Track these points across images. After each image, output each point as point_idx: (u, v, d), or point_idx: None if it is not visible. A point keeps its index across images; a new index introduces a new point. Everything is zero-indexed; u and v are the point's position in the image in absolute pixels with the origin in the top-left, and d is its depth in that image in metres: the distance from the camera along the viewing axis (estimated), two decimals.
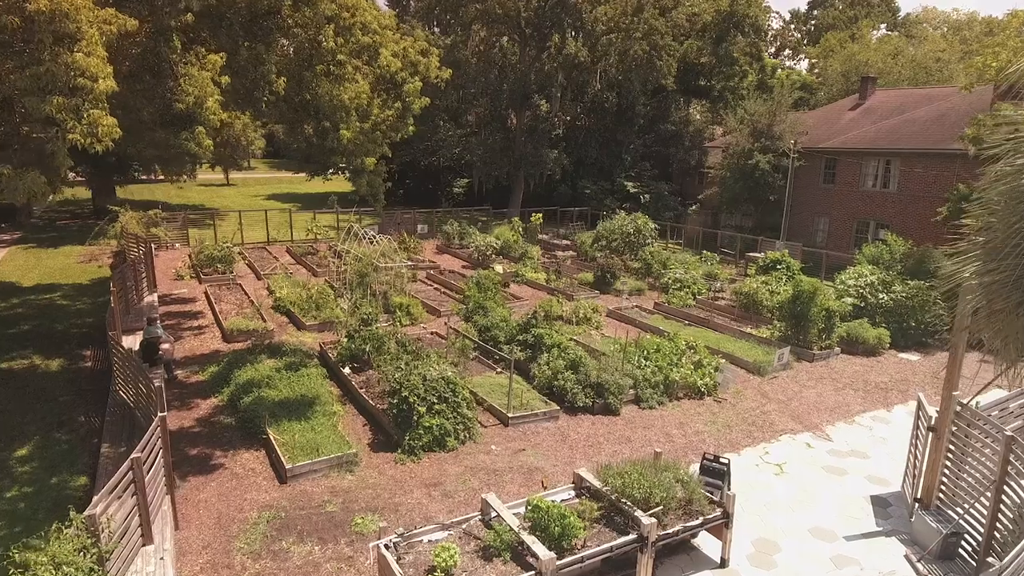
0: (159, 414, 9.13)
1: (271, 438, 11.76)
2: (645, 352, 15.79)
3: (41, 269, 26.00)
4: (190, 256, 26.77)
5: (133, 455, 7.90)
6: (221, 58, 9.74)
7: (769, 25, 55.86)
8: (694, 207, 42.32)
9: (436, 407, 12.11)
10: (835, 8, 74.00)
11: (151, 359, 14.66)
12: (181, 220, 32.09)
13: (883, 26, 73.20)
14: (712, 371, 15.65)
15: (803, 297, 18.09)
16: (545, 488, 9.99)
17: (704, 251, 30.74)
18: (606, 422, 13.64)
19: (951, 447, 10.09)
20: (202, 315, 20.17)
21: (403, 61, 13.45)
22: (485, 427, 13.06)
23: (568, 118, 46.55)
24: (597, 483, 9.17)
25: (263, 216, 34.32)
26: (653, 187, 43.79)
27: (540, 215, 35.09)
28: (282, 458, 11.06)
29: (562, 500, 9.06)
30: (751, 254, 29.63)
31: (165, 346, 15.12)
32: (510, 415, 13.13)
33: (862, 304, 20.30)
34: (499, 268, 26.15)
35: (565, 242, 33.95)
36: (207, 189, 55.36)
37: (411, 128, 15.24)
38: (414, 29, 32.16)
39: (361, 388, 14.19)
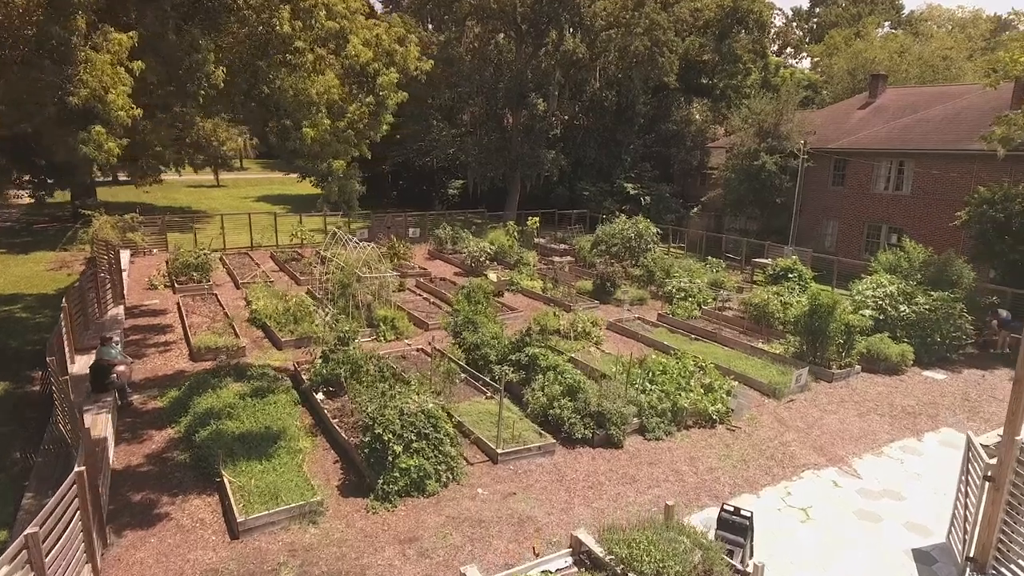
0: (76, 468, 7.66)
1: (225, 481, 10.30)
2: (650, 374, 14.32)
3: (6, 277, 24.47)
4: (166, 263, 25.23)
5: (28, 530, 6.42)
6: (130, 38, 8.06)
7: (772, 22, 54.47)
8: (696, 209, 40.81)
9: (414, 445, 10.64)
10: (838, 6, 72.66)
11: (102, 384, 13.21)
12: (160, 224, 30.55)
13: (887, 24, 71.90)
14: (724, 395, 14.18)
15: (821, 311, 16.61)
16: (537, 555, 8.47)
17: (708, 256, 29.30)
18: (608, 457, 12.18)
19: (1012, 500, 8.64)
20: (171, 329, 18.67)
21: (376, 50, 11.89)
22: (471, 464, 11.59)
23: (566, 117, 45.01)
24: (599, 550, 7.72)
25: (248, 219, 32.81)
26: (654, 189, 42.30)
27: (537, 218, 33.60)
28: (235, 508, 9.59)
29: (557, 570, 7.62)
30: (757, 260, 28.12)
31: (120, 368, 13.64)
32: (500, 451, 11.65)
33: (881, 317, 18.83)
34: (492, 276, 24.67)
35: (563, 246, 32.43)
36: (195, 191, 53.88)
37: (385, 127, 13.70)
38: (391, 15, 30.59)
39: (335, 418, 12.70)
